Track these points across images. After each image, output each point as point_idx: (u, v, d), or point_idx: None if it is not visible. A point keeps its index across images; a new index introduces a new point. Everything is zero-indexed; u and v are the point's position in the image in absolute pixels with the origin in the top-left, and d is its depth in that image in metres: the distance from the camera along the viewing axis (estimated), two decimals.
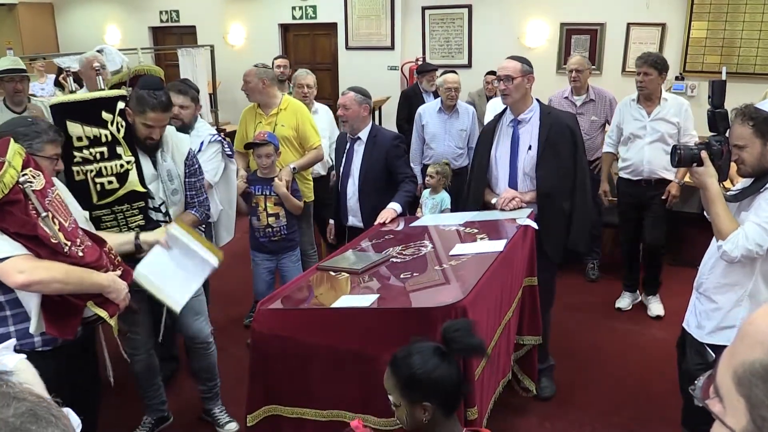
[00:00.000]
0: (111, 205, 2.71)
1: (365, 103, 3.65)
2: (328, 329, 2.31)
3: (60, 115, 2.63)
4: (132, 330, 2.96)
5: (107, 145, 2.69)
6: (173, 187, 2.91)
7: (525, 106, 3.26)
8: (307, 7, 8.34)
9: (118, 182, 2.72)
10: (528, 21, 7.21)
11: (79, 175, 2.65)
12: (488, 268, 2.51)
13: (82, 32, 10.21)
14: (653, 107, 4.21)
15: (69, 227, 2.26)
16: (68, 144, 2.61)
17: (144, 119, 2.75)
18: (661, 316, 4.36)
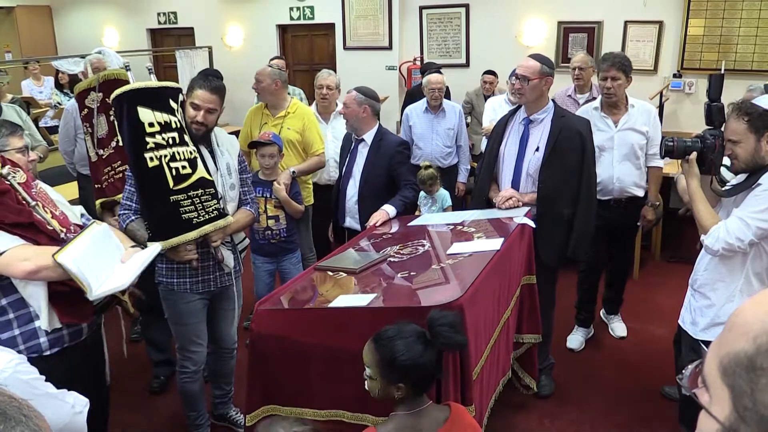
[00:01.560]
0: (187, 190, 2.65)
1: (365, 104, 3.59)
2: (326, 329, 2.32)
3: (131, 102, 2.59)
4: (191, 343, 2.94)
5: (177, 131, 2.66)
6: (231, 182, 2.90)
7: (539, 106, 3.23)
8: (304, 7, 8.35)
9: (190, 168, 2.67)
10: (525, 19, 7.22)
11: (153, 161, 2.59)
12: (485, 266, 2.51)
13: (81, 34, 10.21)
14: (620, 116, 3.69)
15: (60, 216, 2.30)
16: (140, 130, 2.58)
17: (191, 98, 2.76)
18: (625, 337, 4.12)
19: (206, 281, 2.86)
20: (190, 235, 2.67)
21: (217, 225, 2.74)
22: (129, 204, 2.76)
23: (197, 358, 2.94)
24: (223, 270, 2.89)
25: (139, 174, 2.63)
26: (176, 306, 2.87)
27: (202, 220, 2.69)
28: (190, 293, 2.85)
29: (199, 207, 2.68)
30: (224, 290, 2.95)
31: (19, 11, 10.29)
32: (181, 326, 2.90)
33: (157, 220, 2.67)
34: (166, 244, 2.65)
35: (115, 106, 2.69)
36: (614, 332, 4.20)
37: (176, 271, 2.82)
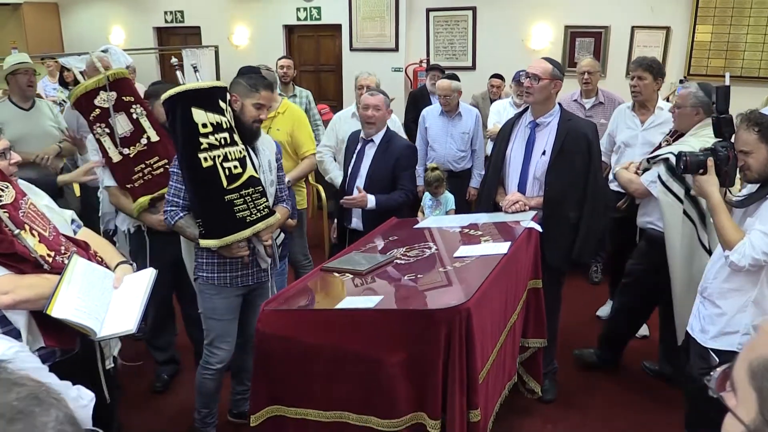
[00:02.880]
0: (239, 189, 2.72)
1: (389, 106, 3.67)
2: (331, 330, 2.31)
3: (185, 103, 2.65)
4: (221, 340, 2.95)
5: (228, 131, 2.72)
6: (271, 178, 2.97)
7: (546, 109, 3.23)
8: (311, 8, 8.36)
9: (241, 167, 2.73)
10: (532, 23, 7.22)
11: (207, 161, 2.65)
12: (492, 270, 2.51)
13: (87, 32, 10.24)
14: (647, 116, 3.96)
15: (50, 236, 2.17)
16: (194, 131, 2.64)
17: (256, 99, 2.84)
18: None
19: (245, 276, 2.91)
20: (245, 233, 2.76)
21: (268, 223, 2.83)
22: (177, 201, 2.80)
23: (223, 356, 2.97)
24: (260, 266, 2.94)
25: (194, 174, 2.69)
26: (214, 300, 2.91)
27: (254, 218, 2.78)
28: (230, 287, 2.90)
29: (251, 205, 2.76)
30: (261, 285, 3.01)
31: (26, 8, 10.32)
32: (215, 321, 2.94)
33: (213, 220, 2.75)
34: (221, 242, 2.74)
35: (168, 107, 2.72)
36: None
37: (218, 266, 2.87)
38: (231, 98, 2.85)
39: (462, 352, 2.19)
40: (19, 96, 4.22)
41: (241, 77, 2.99)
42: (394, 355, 2.21)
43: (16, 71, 4.18)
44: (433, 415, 2.20)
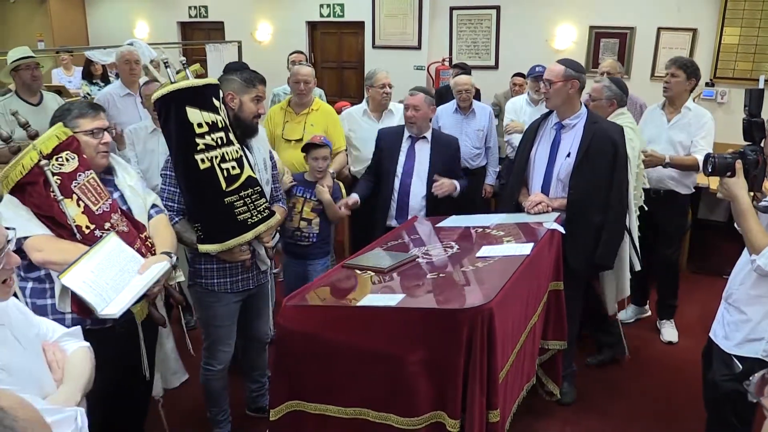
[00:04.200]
0: (238, 191, 2.63)
1: (432, 104, 3.66)
2: (353, 327, 2.32)
3: (178, 101, 2.54)
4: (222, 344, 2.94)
5: (223, 130, 2.62)
6: (267, 177, 2.90)
7: (570, 111, 3.21)
8: (335, 5, 8.36)
9: (238, 167, 2.64)
10: (557, 23, 7.16)
11: (204, 162, 2.55)
12: (515, 271, 2.50)
13: (112, 26, 10.34)
14: (674, 114, 3.99)
15: (98, 211, 2.30)
16: (190, 132, 2.54)
17: (254, 93, 2.77)
18: (674, 342, 4.13)
19: (245, 280, 2.86)
20: (247, 236, 2.67)
21: (269, 224, 2.76)
22: (171, 204, 2.70)
23: (224, 358, 2.94)
24: (260, 268, 2.89)
25: (191, 177, 2.58)
26: (213, 308, 2.84)
27: (255, 220, 2.69)
28: (230, 293, 2.83)
29: (251, 207, 2.67)
30: (261, 288, 2.97)
31: (53, 1, 10.44)
32: (215, 327, 2.88)
33: (213, 223, 2.65)
34: (222, 247, 2.65)
35: (160, 107, 2.60)
36: (663, 337, 4.19)
37: (217, 272, 2.79)
38: (227, 96, 2.74)
39: (483, 353, 2.19)
40: (25, 91, 4.19)
41: (233, 73, 2.87)
42: (415, 353, 2.21)
43: (18, 66, 4.14)
44: (452, 415, 2.20)
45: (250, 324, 3.04)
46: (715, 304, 2.67)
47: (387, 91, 4.49)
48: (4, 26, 11.07)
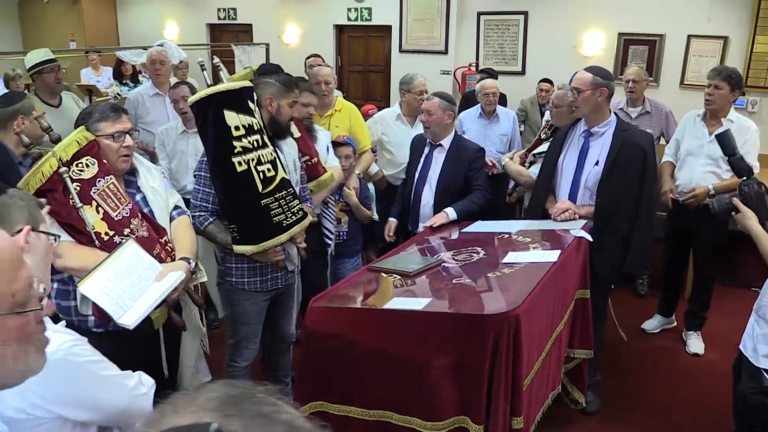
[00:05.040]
0: (273, 193, 2.66)
1: (449, 109, 3.58)
2: (378, 330, 2.34)
3: (217, 104, 2.57)
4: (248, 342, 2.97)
5: (259, 133, 2.65)
6: (296, 178, 2.94)
7: (599, 119, 3.19)
8: (362, 9, 8.40)
9: (273, 170, 2.67)
10: (585, 29, 7.12)
11: (242, 165, 2.58)
12: (542, 278, 2.49)
13: (142, 26, 10.49)
14: (716, 127, 3.76)
15: (117, 216, 2.30)
16: (227, 134, 2.56)
17: (292, 97, 2.82)
18: (699, 354, 4.06)
19: (275, 279, 2.89)
20: (282, 237, 2.71)
21: (303, 225, 2.80)
22: (205, 206, 2.74)
23: (249, 356, 2.97)
24: (288, 268, 2.92)
25: (228, 179, 2.61)
26: (243, 305, 2.87)
27: (290, 221, 2.73)
28: (259, 292, 2.86)
29: (286, 209, 2.71)
30: (289, 287, 3.00)
31: (85, 2, 10.62)
32: (243, 325, 2.92)
33: (249, 225, 2.68)
34: (258, 248, 2.68)
35: (198, 110, 2.63)
36: (689, 348, 4.11)
37: (248, 271, 2.82)
38: (265, 100, 2.78)
39: (509, 359, 2.19)
40: (47, 93, 4.18)
41: (271, 77, 2.91)
42: (441, 357, 2.22)
43: (42, 70, 4.13)
44: (476, 420, 2.20)
45: (277, 323, 3.07)
46: (743, 316, 2.64)
47: (424, 97, 4.47)
48: (38, 26, 11.29)
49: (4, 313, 0.97)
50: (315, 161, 3.36)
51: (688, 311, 4.21)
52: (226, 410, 0.65)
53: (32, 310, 1.02)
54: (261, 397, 0.69)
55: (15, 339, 0.99)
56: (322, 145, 3.60)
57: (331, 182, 3.45)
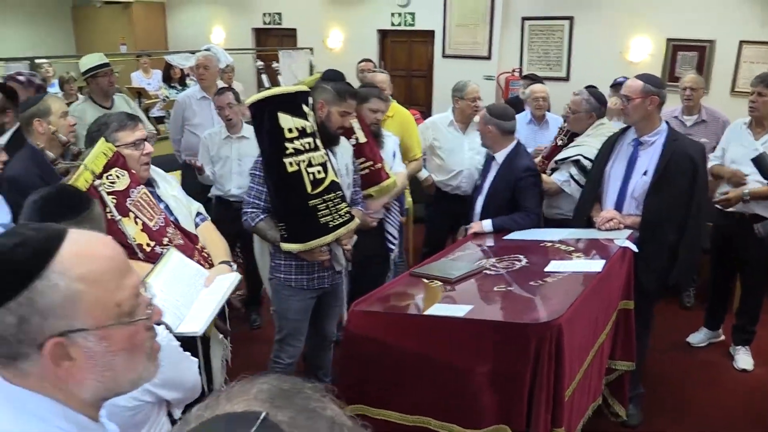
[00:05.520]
0: (322, 194, 2.75)
1: (490, 123, 3.52)
2: (419, 335, 2.34)
3: (272, 107, 2.69)
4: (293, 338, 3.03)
5: (311, 136, 2.75)
6: (348, 182, 3.04)
7: (649, 128, 3.14)
8: (406, 14, 8.43)
9: (324, 172, 2.76)
10: (632, 35, 7.00)
11: (292, 166, 2.68)
12: (585, 288, 2.47)
13: (190, 31, 10.73)
14: (762, 134, 3.74)
15: (155, 226, 2.29)
16: (280, 136, 2.67)
17: (344, 107, 2.90)
18: (748, 370, 3.92)
19: (321, 278, 2.96)
20: (328, 238, 2.79)
21: (349, 228, 2.87)
22: (257, 203, 2.85)
23: (293, 352, 3.04)
24: (335, 268, 2.98)
25: (279, 179, 2.72)
26: (289, 301, 2.97)
27: (336, 223, 2.81)
28: (306, 290, 2.95)
29: (333, 210, 2.79)
30: (335, 287, 3.07)
31: (136, 7, 10.92)
32: (289, 321, 3.01)
33: (296, 225, 2.78)
34: (304, 247, 2.77)
35: (255, 111, 2.75)
36: (737, 364, 3.98)
37: (295, 268, 2.91)
38: (317, 104, 2.88)
39: (550, 369, 2.17)
40: (100, 96, 4.30)
41: (328, 83, 3.00)
42: (482, 365, 2.21)
43: (96, 74, 4.24)
44: (516, 429, 2.19)
45: (320, 322, 3.14)
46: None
47: (477, 105, 4.44)
48: (90, 30, 11.65)
49: (111, 323, 0.95)
50: (378, 166, 3.42)
51: (736, 325, 4.09)
52: (275, 402, 0.68)
53: (140, 319, 0.99)
54: (309, 392, 0.71)
55: (124, 349, 0.97)
56: (389, 151, 3.67)
57: (393, 188, 3.51)
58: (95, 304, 0.93)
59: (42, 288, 0.90)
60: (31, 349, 0.91)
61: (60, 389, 0.94)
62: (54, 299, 0.90)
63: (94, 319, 0.93)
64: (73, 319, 0.91)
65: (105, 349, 0.94)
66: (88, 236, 0.99)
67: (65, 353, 0.92)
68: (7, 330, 0.90)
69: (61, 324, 0.91)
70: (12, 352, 0.91)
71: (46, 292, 0.90)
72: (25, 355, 0.92)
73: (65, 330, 0.91)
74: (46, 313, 0.90)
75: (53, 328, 0.90)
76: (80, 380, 0.94)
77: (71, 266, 0.92)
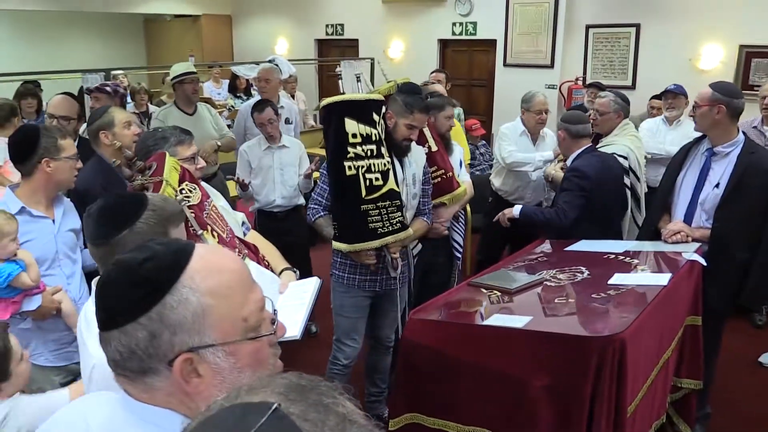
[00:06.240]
0: (376, 201, 2.85)
1: (561, 127, 3.56)
2: (478, 345, 2.32)
3: (340, 112, 2.82)
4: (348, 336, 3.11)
5: (376, 143, 2.85)
6: (414, 191, 3.11)
7: (724, 138, 3.03)
8: (467, 23, 8.40)
9: (382, 179, 2.87)
10: (702, 42, 6.76)
11: (351, 170, 2.80)
12: (650, 301, 2.40)
13: (255, 42, 11.01)
14: None
15: (227, 238, 2.33)
16: (344, 140, 2.80)
17: (410, 120, 2.98)
18: None
19: (373, 281, 3.03)
20: (373, 243, 2.87)
21: (398, 237, 2.92)
22: (320, 200, 3.01)
23: (350, 353, 3.10)
24: (390, 273, 3.03)
25: (337, 179, 2.85)
26: (343, 297, 3.08)
27: (386, 231, 2.88)
28: (356, 288, 3.04)
29: (385, 218, 2.87)
30: (390, 292, 3.10)
31: (204, 19, 11.29)
32: (343, 318, 3.10)
33: (346, 225, 2.90)
34: (350, 248, 2.88)
35: (324, 114, 2.91)
36: None
37: (349, 267, 3.02)
38: (387, 114, 2.95)
39: (612, 384, 2.12)
40: (184, 102, 4.54)
41: (399, 95, 3.06)
42: (541, 378, 2.18)
43: (183, 80, 4.49)
44: None
45: (376, 325, 3.20)
46: None
47: (543, 118, 4.40)
48: (161, 43, 12.12)
49: (238, 339, 0.93)
50: (450, 175, 3.49)
51: None
52: (290, 395, 0.70)
53: (265, 335, 0.97)
54: (324, 389, 0.73)
55: (250, 365, 0.95)
56: (456, 159, 3.71)
57: (464, 196, 3.58)
58: (224, 319, 0.92)
59: (172, 303, 0.90)
60: (161, 364, 0.91)
61: (187, 406, 0.93)
62: (184, 314, 0.90)
63: (223, 334, 0.92)
64: (202, 334, 0.91)
65: (232, 365, 0.93)
66: (215, 250, 0.99)
67: (194, 369, 0.91)
68: (139, 345, 0.90)
69: (191, 339, 0.90)
70: (142, 367, 0.91)
71: (177, 307, 0.90)
72: (155, 370, 0.91)
73: (195, 346, 0.90)
74: (177, 328, 0.90)
75: (183, 343, 0.90)
76: (207, 397, 0.90)
77: (201, 280, 0.91)
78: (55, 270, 2.58)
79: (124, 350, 0.91)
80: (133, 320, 0.90)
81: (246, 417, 0.67)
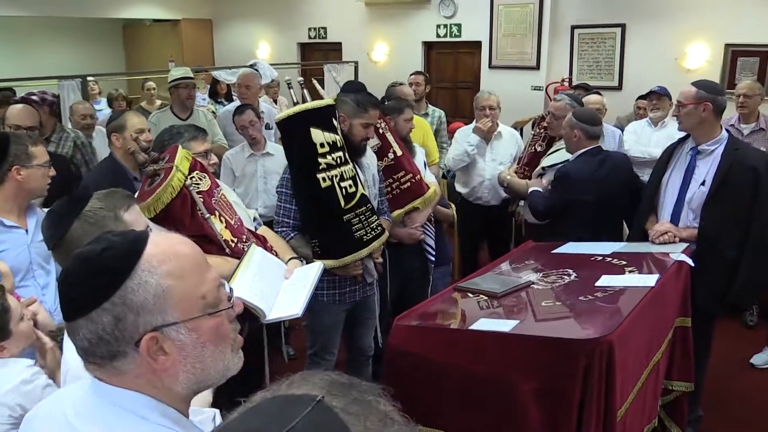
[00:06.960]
0: (354, 209, 2.74)
1: (577, 127, 3.44)
2: (464, 351, 2.27)
3: (304, 123, 2.67)
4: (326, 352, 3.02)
5: (341, 149, 2.74)
6: (374, 192, 3.02)
7: (708, 136, 3.01)
8: (452, 25, 8.37)
9: (354, 186, 2.75)
10: (688, 41, 6.77)
11: (326, 181, 2.67)
12: (638, 303, 2.35)
13: (237, 47, 10.89)
14: None
15: (235, 224, 2.44)
16: (313, 152, 2.65)
17: (366, 119, 2.87)
18: None
19: (352, 292, 2.94)
20: (362, 252, 2.78)
21: (381, 241, 2.86)
22: (287, 221, 2.84)
23: (327, 366, 3.00)
24: (366, 280, 2.95)
25: (312, 195, 2.70)
26: (321, 316, 2.94)
27: (370, 237, 2.80)
28: (337, 304, 2.92)
29: (365, 224, 2.77)
30: (366, 299, 3.03)
31: (184, 23, 11.15)
32: (321, 335, 2.98)
33: (332, 240, 2.76)
34: (340, 263, 2.75)
35: (285, 127, 2.75)
36: None
37: (327, 283, 2.87)
38: (339, 117, 2.84)
39: (601, 387, 2.07)
40: (179, 107, 4.57)
41: (347, 95, 2.96)
42: (528, 382, 2.12)
43: (178, 84, 4.50)
44: None
45: (354, 335, 3.11)
46: None
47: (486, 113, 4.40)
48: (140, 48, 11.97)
49: (199, 315, 1.01)
50: (419, 178, 3.41)
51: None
52: (332, 390, 0.73)
53: (224, 309, 1.05)
54: (365, 388, 0.76)
55: (211, 340, 1.03)
56: (419, 161, 3.65)
57: (435, 198, 3.51)
58: (183, 298, 1.00)
59: (133, 286, 0.96)
60: (128, 346, 0.97)
61: (155, 386, 1.00)
62: (145, 296, 0.96)
63: (183, 312, 0.99)
64: (164, 313, 0.98)
65: (195, 341, 1.00)
66: (168, 237, 1.08)
67: (160, 347, 0.98)
68: (105, 329, 0.96)
69: (154, 319, 0.97)
70: (111, 351, 0.98)
71: (138, 290, 0.96)
72: (123, 353, 0.98)
73: (159, 324, 0.97)
74: (140, 309, 0.96)
75: (147, 323, 0.97)
76: (174, 374, 1.00)
77: (158, 264, 0.99)
78: (29, 281, 2.53)
79: (92, 337, 0.97)
80: (97, 306, 0.96)
81: (290, 407, 0.69)
